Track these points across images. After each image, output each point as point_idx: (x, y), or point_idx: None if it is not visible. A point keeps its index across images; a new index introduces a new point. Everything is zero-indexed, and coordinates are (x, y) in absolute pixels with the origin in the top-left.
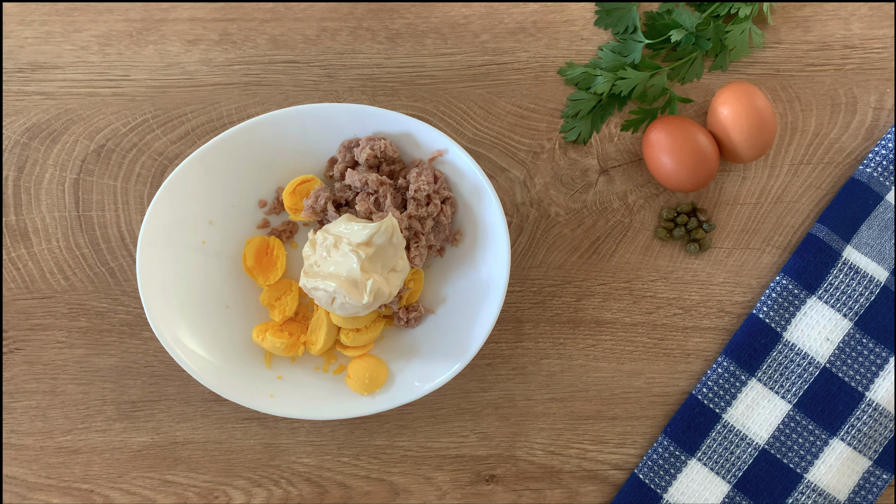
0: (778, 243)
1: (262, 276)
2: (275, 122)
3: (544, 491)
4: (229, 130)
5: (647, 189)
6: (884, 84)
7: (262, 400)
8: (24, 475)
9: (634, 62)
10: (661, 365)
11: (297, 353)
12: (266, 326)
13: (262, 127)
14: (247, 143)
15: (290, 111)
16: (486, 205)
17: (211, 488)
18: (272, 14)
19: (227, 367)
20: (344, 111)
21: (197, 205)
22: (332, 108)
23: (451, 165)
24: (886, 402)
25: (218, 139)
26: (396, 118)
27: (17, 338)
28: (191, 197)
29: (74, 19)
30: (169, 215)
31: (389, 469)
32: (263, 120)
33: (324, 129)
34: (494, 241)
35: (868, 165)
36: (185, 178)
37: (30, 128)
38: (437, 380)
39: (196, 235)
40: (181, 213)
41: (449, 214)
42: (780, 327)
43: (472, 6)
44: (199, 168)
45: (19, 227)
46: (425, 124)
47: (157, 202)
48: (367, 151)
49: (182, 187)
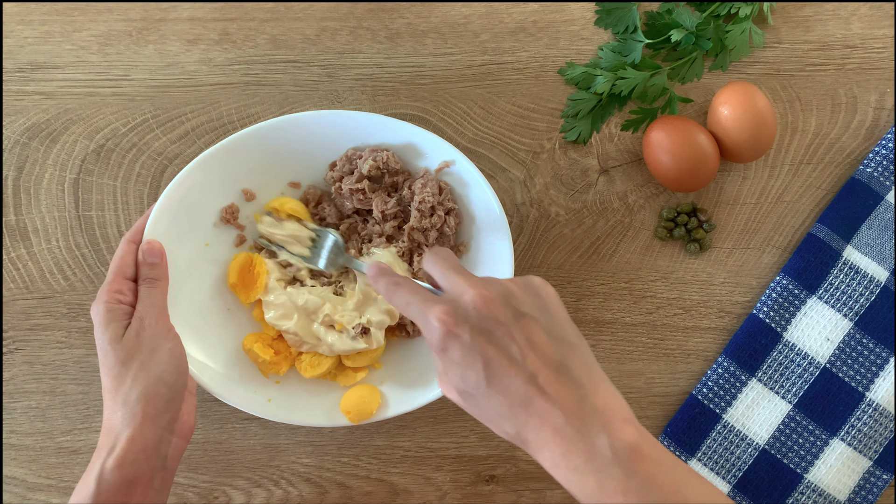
0: (778, 243)
1: (243, 294)
2: (279, 127)
3: (544, 491)
4: (235, 135)
5: (648, 189)
6: (884, 84)
7: (259, 405)
8: (24, 475)
9: (634, 62)
10: (662, 365)
11: (279, 372)
12: (257, 337)
13: (268, 131)
14: (251, 148)
15: (304, 116)
16: (492, 219)
17: (211, 488)
18: (272, 14)
19: (225, 371)
20: (351, 119)
21: (200, 207)
22: (339, 116)
23: (456, 176)
24: (886, 402)
25: (221, 144)
26: (403, 127)
27: (17, 338)
28: (194, 199)
29: (74, 19)
30: (172, 217)
31: (389, 469)
32: (271, 125)
33: (329, 136)
34: (498, 255)
35: (868, 165)
36: (187, 182)
37: (29, 128)
38: (436, 391)
39: (200, 237)
40: (184, 215)
41: (453, 226)
42: (780, 327)
43: (472, 6)
44: (200, 172)
45: (19, 227)
46: (432, 134)
47: (161, 204)
48: (370, 163)
49: (185, 190)
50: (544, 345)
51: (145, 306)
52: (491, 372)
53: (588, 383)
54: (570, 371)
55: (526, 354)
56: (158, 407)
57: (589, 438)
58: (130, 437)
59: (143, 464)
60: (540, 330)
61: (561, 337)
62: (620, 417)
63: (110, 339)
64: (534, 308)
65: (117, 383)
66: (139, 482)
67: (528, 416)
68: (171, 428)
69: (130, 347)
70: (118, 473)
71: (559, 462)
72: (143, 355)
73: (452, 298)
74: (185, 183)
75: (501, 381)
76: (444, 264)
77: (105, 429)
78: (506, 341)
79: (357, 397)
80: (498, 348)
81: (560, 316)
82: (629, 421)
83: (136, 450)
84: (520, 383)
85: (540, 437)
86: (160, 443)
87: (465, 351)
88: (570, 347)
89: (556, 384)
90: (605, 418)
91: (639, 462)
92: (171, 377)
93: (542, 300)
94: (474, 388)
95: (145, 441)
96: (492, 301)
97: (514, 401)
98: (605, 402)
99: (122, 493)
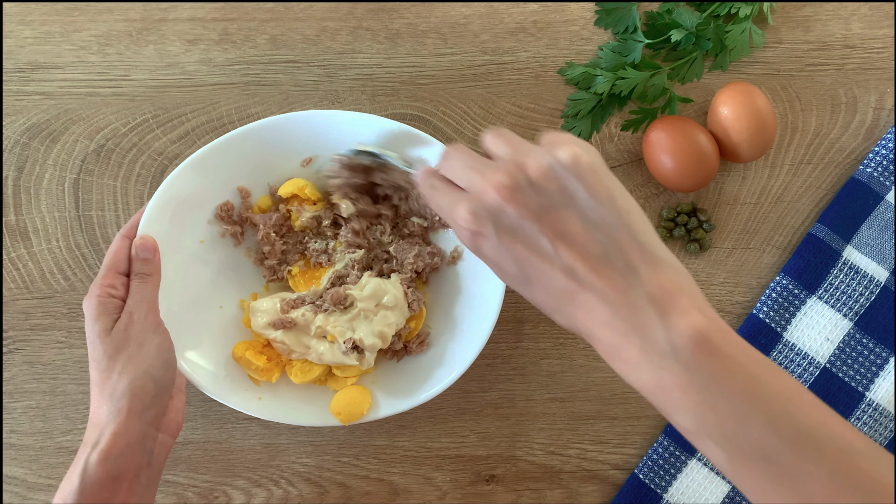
0: (778, 243)
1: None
2: (275, 126)
3: (544, 491)
4: (231, 133)
5: (648, 189)
6: (884, 84)
7: (252, 403)
8: (24, 475)
9: (634, 62)
10: None
11: (271, 379)
12: (248, 345)
13: (264, 130)
14: (247, 146)
15: (300, 115)
16: None
17: (211, 488)
18: (272, 14)
19: (215, 370)
20: (349, 119)
21: (195, 204)
22: (336, 116)
23: None
24: (886, 402)
25: (217, 142)
26: (401, 129)
27: (17, 338)
28: (189, 196)
29: (74, 19)
30: (167, 214)
31: (389, 469)
32: (266, 123)
33: (326, 135)
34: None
35: (868, 165)
36: (182, 179)
37: (30, 128)
38: (433, 388)
39: (194, 234)
40: (179, 212)
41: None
42: (780, 327)
43: (472, 6)
44: (195, 169)
45: (19, 227)
46: (436, 141)
47: (156, 201)
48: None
49: (179, 187)
50: (579, 234)
51: (135, 301)
52: (526, 268)
53: (642, 266)
54: (618, 256)
55: (558, 247)
56: (144, 401)
57: (642, 330)
58: (115, 432)
59: (128, 459)
60: (573, 218)
61: (601, 220)
62: (683, 304)
63: (99, 333)
64: (564, 193)
65: (104, 377)
66: (124, 478)
67: (575, 308)
68: (158, 424)
69: (119, 341)
70: (102, 468)
71: (612, 355)
72: (130, 349)
73: (478, 192)
74: (181, 180)
75: (538, 276)
76: (459, 163)
77: (91, 423)
78: (534, 236)
79: (348, 398)
80: (526, 245)
81: (600, 192)
82: (694, 307)
83: (120, 444)
84: (558, 278)
85: (591, 330)
86: (145, 438)
87: (495, 249)
88: (616, 229)
89: (596, 275)
90: (663, 306)
91: (704, 355)
92: (158, 372)
93: (579, 179)
94: (517, 282)
95: (130, 436)
96: (514, 193)
97: (555, 295)
98: (661, 288)
99: (107, 489)
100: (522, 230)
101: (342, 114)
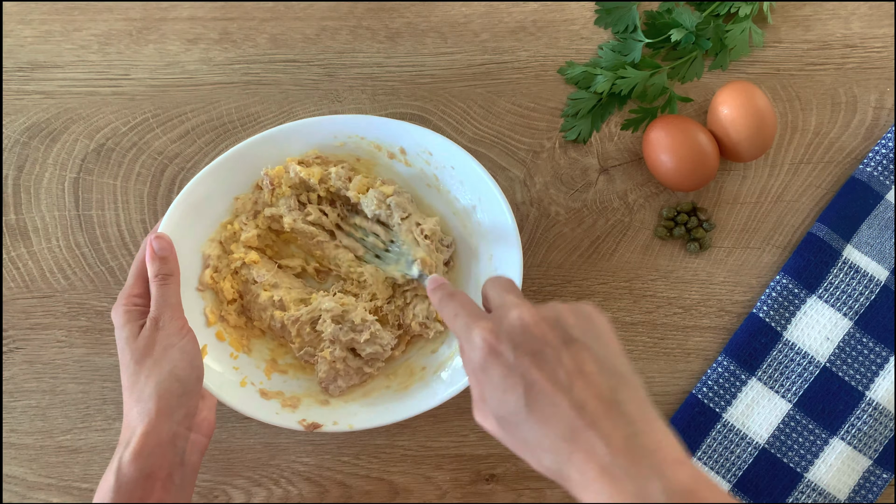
0: (778, 242)
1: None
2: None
3: (544, 490)
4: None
5: (648, 188)
6: (884, 83)
7: (252, 403)
8: (24, 475)
9: (634, 61)
10: (661, 364)
11: (247, 345)
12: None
13: (281, 135)
14: (265, 151)
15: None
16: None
17: (211, 488)
18: (272, 13)
19: (220, 369)
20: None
21: (212, 209)
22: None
23: (463, 177)
24: (886, 401)
25: (236, 149)
26: (417, 131)
27: (17, 337)
28: (207, 202)
29: (74, 18)
30: (186, 219)
31: (389, 468)
32: (284, 129)
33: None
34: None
35: (868, 164)
36: (202, 185)
37: (29, 127)
38: (438, 396)
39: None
40: (197, 217)
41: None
42: (780, 326)
43: (472, 5)
44: (213, 176)
45: (19, 226)
46: (443, 138)
47: (175, 207)
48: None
49: (201, 193)
50: (594, 375)
51: (158, 305)
52: (533, 396)
53: (640, 421)
54: (622, 406)
55: (574, 381)
56: (171, 402)
57: (640, 481)
58: (145, 432)
59: (159, 458)
60: (591, 358)
61: (613, 369)
62: (673, 458)
63: (126, 339)
64: (586, 335)
65: (133, 380)
66: (157, 476)
67: (573, 450)
68: (187, 423)
69: (144, 346)
70: (134, 466)
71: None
72: (156, 353)
73: (500, 316)
74: (201, 186)
75: (544, 408)
76: (501, 286)
77: (124, 424)
78: (553, 365)
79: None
80: (543, 371)
81: (613, 346)
82: (683, 462)
83: (150, 444)
84: (565, 412)
85: (584, 476)
86: (175, 437)
87: (506, 371)
88: (623, 381)
89: (605, 418)
90: (657, 459)
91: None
92: (183, 373)
93: (595, 328)
94: (514, 413)
95: (160, 436)
96: (541, 321)
97: (557, 431)
98: (656, 442)
99: (141, 487)
100: (543, 355)
101: (368, 118)
